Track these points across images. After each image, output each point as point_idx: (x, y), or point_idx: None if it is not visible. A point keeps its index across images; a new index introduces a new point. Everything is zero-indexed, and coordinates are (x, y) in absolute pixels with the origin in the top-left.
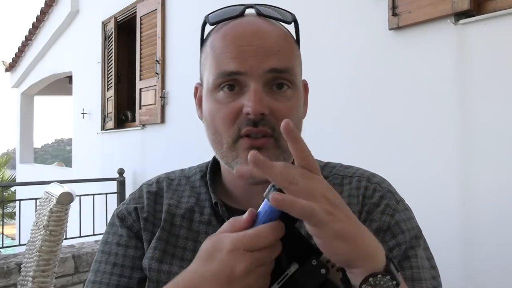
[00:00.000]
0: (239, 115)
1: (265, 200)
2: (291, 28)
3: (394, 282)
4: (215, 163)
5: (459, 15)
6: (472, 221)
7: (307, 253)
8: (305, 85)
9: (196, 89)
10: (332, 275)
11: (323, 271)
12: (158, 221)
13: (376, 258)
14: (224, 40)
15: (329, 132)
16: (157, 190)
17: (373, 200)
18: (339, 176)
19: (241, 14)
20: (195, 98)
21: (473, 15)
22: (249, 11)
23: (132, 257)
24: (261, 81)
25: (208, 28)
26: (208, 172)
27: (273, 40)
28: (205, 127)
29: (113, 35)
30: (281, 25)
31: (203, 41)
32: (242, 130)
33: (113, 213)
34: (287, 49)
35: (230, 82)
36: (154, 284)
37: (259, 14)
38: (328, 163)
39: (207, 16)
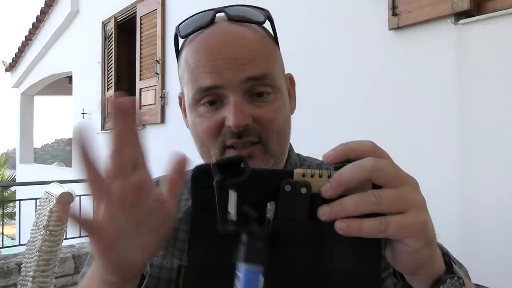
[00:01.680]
0: (222, 127)
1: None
2: (267, 25)
3: (461, 281)
4: None
5: (459, 15)
6: (472, 221)
7: (277, 181)
8: (291, 79)
9: (180, 99)
10: (316, 186)
11: (303, 190)
12: None
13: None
14: (197, 54)
15: (328, 132)
16: None
17: None
18: None
19: (212, 22)
20: (181, 108)
21: (473, 15)
22: (219, 15)
23: None
24: (240, 92)
25: (181, 39)
26: None
27: (246, 48)
28: (193, 138)
29: (113, 35)
30: (255, 26)
31: (178, 53)
32: (227, 142)
33: None
34: (263, 54)
35: (209, 98)
36: (154, 280)
37: (230, 19)
38: None
39: (177, 28)
